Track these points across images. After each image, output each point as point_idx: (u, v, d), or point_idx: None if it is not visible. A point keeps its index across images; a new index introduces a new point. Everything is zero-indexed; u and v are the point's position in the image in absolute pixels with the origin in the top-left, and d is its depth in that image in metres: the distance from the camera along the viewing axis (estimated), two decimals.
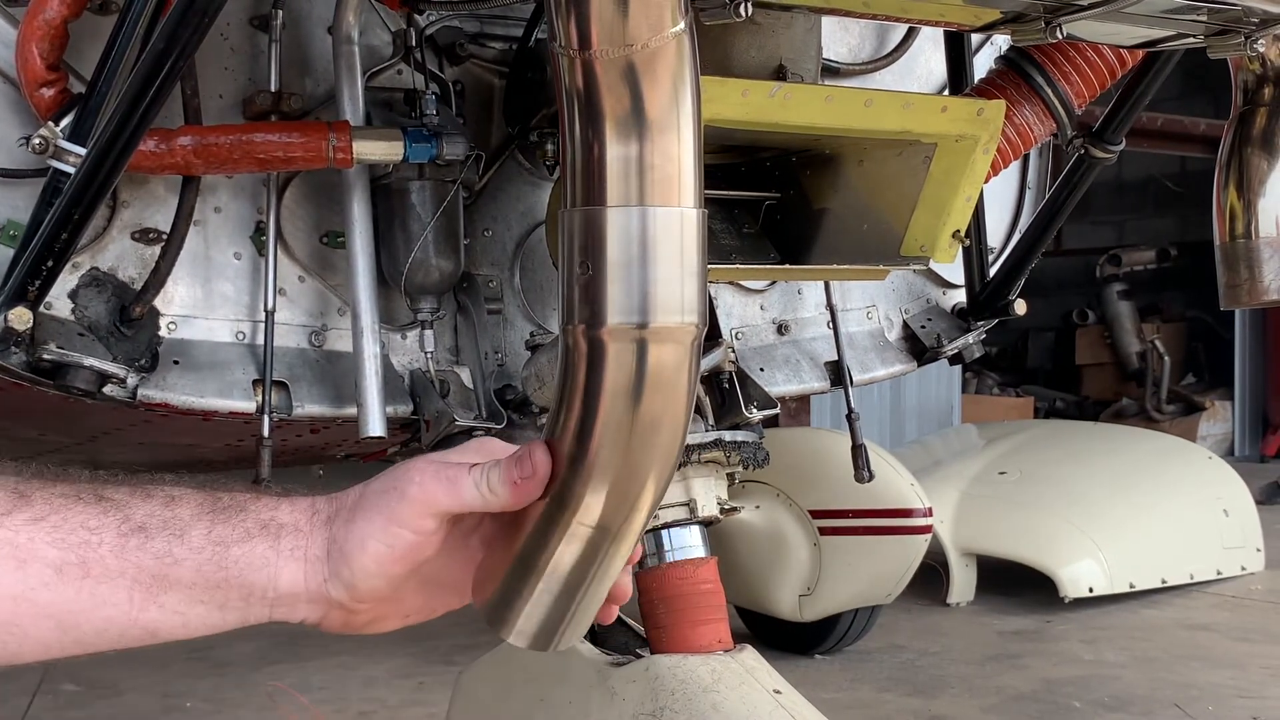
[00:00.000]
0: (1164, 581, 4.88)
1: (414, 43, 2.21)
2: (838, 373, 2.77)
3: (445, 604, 1.03)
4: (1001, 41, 2.56)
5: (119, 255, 2.08)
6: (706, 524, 2.10)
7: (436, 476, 0.93)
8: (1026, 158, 3.03)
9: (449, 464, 0.95)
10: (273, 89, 2.10)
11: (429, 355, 2.24)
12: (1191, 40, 1.65)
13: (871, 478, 2.77)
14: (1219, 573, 5.06)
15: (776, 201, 2.21)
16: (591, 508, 0.92)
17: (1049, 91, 2.20)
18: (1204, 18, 1.55)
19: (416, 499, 0.93)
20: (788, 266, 2.19)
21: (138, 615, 0.90)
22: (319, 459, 3.00)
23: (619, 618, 2.08)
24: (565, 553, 0.94)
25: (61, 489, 0.91)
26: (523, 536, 0.95)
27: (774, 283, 2.77)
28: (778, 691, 1.85)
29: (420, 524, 0.93)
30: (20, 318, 1.85)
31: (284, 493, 0.98)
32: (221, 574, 0.91)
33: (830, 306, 2.76)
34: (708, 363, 2.19)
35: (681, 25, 0.88)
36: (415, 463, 0.96)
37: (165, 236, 2.07)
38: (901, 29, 2.78)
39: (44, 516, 0.88)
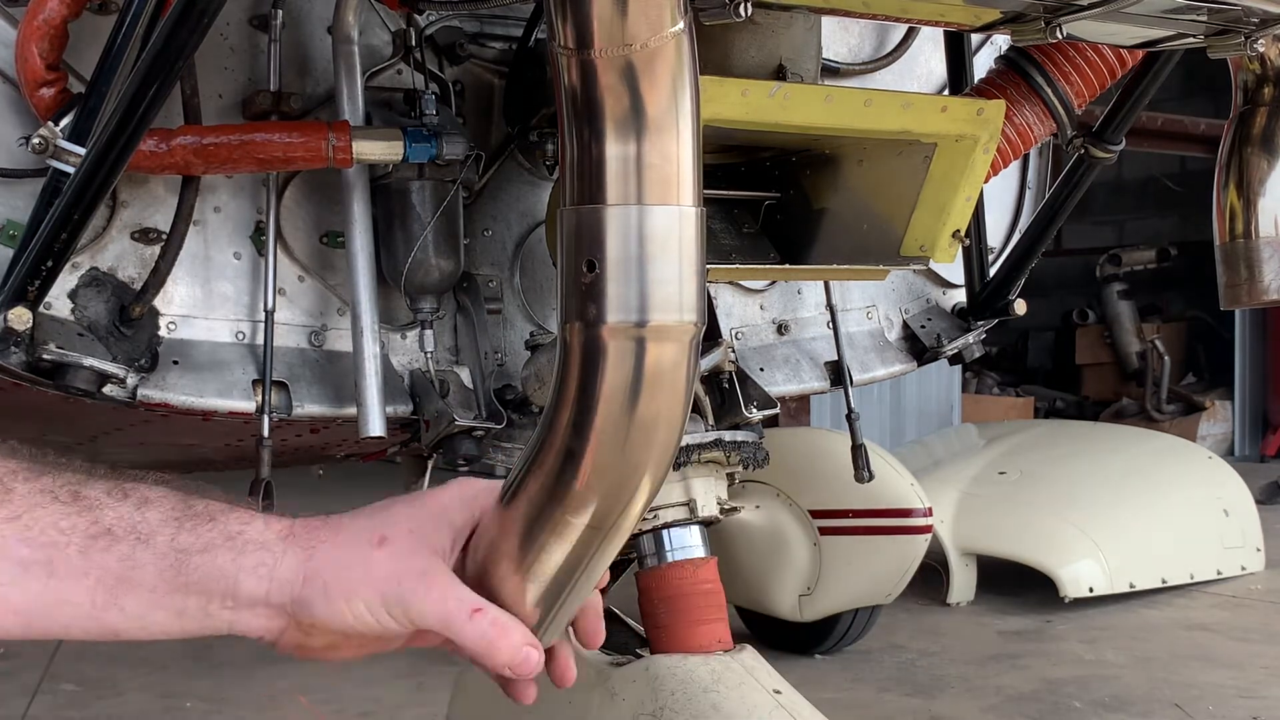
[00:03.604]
0: (1164, 581, 4.88)
1: (414, 43, 2.21)
2: (838, 373, 2.77)
3: (407, 640, 1.02)
4: (1001, 41, 2.56)
5: (119, 255, 2.07)
6: (706, 524, 2.10)
7: (455, 610, 0.94)
8: (1026, 158, 3.03)
9: (464, 589, 0.95)
10: (273, 89, 2.10)
11: (429, 355, 2.24)
12: (1191, 40, 1.64)
13: (871, 478, 2.77)
14: (1219, 573, 5.06)
15: (776, 201, 2.20)
16: (585, 505, 0.91)
17: (1049, 91, 2.20)
18: (1204, 18, 1.55)
19: (420, 616, 0.94)
20: (788, 266, 2.19)
21: (100, 615, 0.91)
22: (319, 459, 3.00)
23: (619, 617, 2.09)
24: (554, 549, 0.93)
25: (42, 483, 0.92)
26: (509, 535, 0.95)
27: (774, 283, 2.77)
28: (778, 691, 1.85)
29: (406, 631, 0.95)
30: (20, 318, 1.85)
31: (261, 511, 0.97)
32: (181, 579, 0.91)
33: (830, 306, 2.75)
34: (707, 363, 2.19)
35: (681, 25, 0.88)
36: (436, 573, 0.95)
37: (165, 236, 2.07)
38: (901, 29, 2.77)
39: (18, 515, 0.89)
